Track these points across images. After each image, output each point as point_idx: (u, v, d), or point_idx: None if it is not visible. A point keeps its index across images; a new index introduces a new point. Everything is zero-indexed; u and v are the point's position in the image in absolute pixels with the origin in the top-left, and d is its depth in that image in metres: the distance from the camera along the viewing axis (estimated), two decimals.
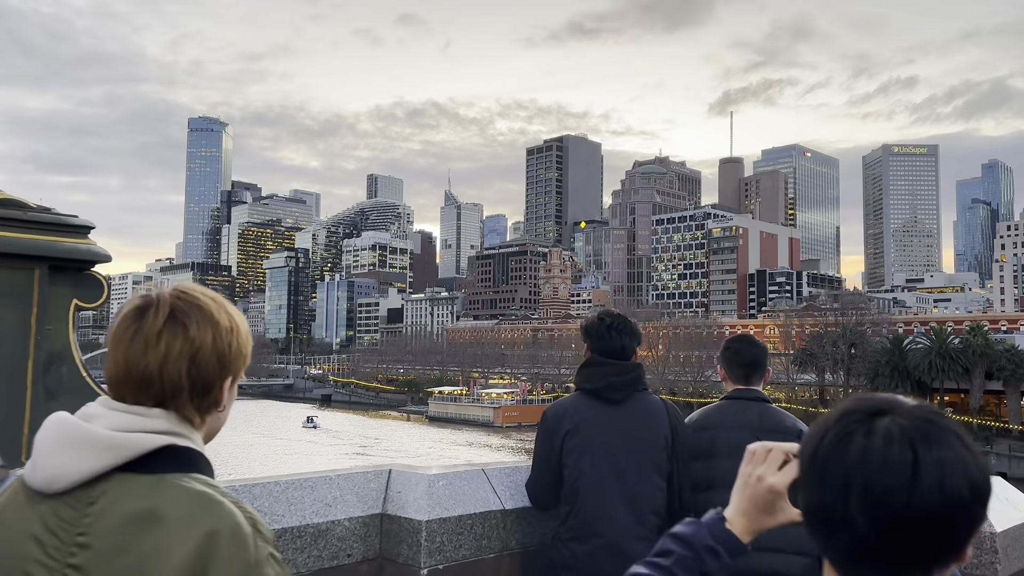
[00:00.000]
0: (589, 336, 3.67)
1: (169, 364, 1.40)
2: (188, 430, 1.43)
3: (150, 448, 1.35)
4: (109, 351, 1.45)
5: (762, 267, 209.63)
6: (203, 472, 1.41)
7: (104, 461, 1.32)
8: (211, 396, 1.47)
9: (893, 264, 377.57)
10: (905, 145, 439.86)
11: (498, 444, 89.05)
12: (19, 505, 1.36)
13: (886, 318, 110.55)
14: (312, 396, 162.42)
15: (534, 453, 3.70)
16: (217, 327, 1.46)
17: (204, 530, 1.30)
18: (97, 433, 1.34)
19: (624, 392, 3.56)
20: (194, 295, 1.49)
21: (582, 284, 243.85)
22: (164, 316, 1.42)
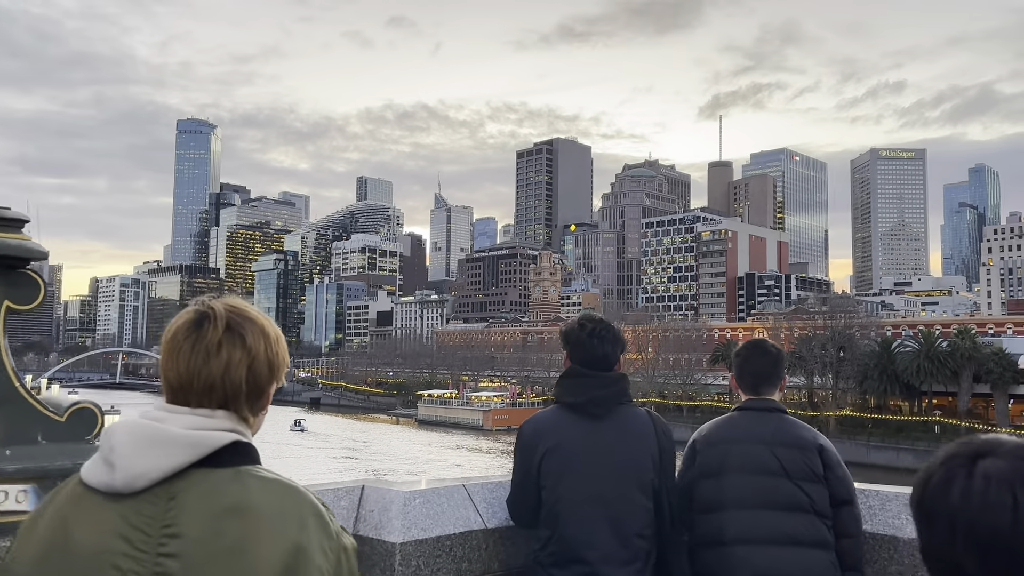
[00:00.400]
0: (569, 344, 3.40)
1: (231, 371, 1.55)
2: (245, 428, 1.60)
3: (224, 444, 1.50)
4: (167, 360, 1.57)
5: (751, 270, 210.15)
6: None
7: (183, 458, 1.45)
8: (263, 399, 1.64)
9: (881, 267, 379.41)
10: (893, 149, 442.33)
11: (487, 447, 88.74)
12: (94, 506, 1.44)
13: (874, 321, 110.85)
14: (301, 399, 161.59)
15: (513, 469, 3.43)
16: (268, 338, 1.63)
17: (294, 513, 1.46)
18: (176, 432, 1.47)
19: (608, 406, 3.28)
20: (244, 309, 1.64)
21: (572, 287, 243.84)
22: (223, 328, 1.56)
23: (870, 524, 3.60)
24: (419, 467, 71.48)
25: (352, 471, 68.55)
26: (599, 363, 3.31)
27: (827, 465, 3.35)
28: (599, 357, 3.31)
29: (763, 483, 3.29)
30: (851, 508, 3.40)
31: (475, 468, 72.42)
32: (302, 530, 1.45)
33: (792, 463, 3.29)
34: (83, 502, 1.45)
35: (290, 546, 1.42)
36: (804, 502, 3.25)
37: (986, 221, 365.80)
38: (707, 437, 3.52)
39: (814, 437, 3.43)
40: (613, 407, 3.28)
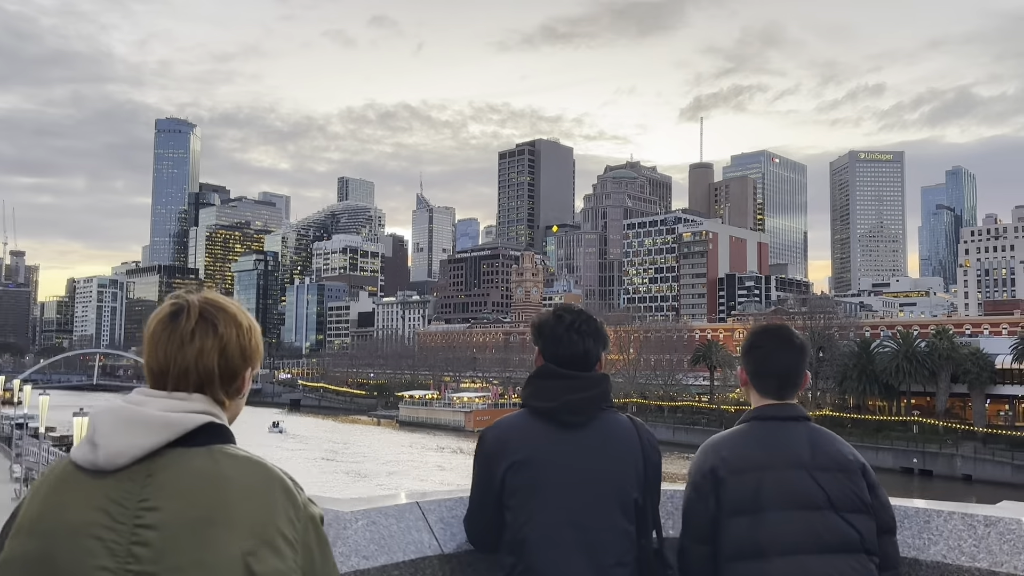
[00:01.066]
0: (542, 338, 2.86)
1: (203, 357, 1.70)
2: (219, 411, 1.73)
3: (198, 424, 1.64)
4: (148, 348, 1.73)
5: (731, 271, 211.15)
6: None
7: (160, 437, 1.59)
8: (236, 383, 1.78)
9: (860, 269, 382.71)
10: (871, 152, 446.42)
11: (469, 449, 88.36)
12: (78, 481, 1.59)
13: (853, 322, 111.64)
14: (281, 401, 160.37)
15: (472, 484, 2.87)
16: (240, 326, 1.76)
17: (261, 486, 1.61)
18: (153, 414, 1.62)
19: (586, 413, 2.74)
20: (218, 300, 1.79)
21: (554, 288, 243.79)
22: (195, 317, 1.72)
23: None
24: (399, 468, 71.00)
25: (330, 474, 67.93)
26: (578, 361, 2.80)
27: (871, 487, 2.74)
28: (578, 354, 2.80)
29: (808, 520, 2.63)
30: (894, 538, 2.80)
31: (456, 469, 72.05)
32: (270, 501, 1.59)
33: (838, 491, 2.66)
34: (71, 479, 1.60)
35: (258, 516, 1.56)
36: (854, 540, 2.63)
37: (963, 223, 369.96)
38: (731, 462, 2.74)
39: (855, 456, 2.79)
40: (592, 414, 2.75)
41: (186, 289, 1.80)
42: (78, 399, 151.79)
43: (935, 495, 59.94)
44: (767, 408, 2.84)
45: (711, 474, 2.74)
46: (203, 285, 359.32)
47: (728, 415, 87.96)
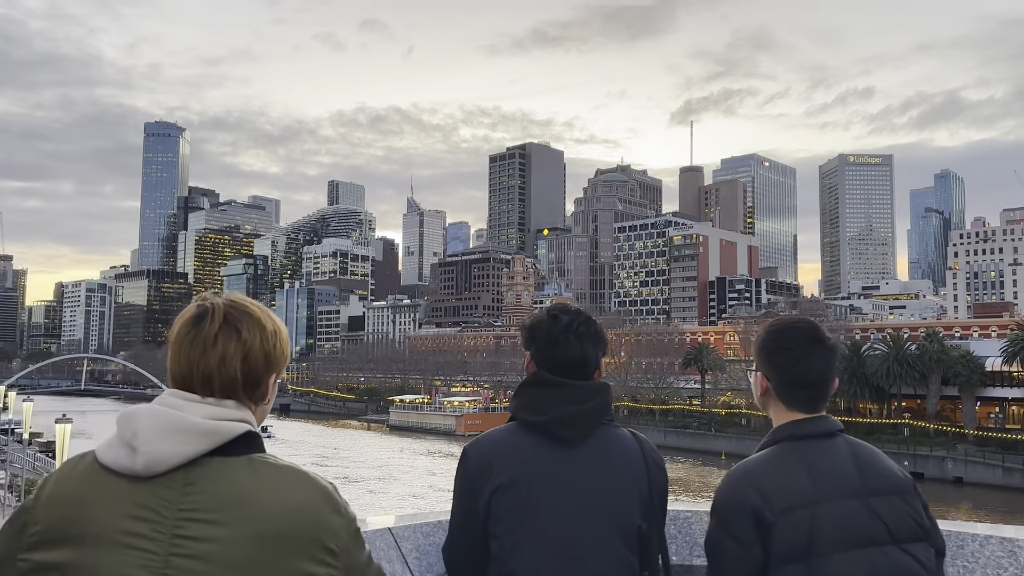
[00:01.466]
0: (535, 341, 2.54)
1: (227, 363, 1.64)
2: (250, 417, 1.67)
3: (239, 433, 1.59)
4: (173, 352, 1.69)
5: (722, 274, 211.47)
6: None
7: (202, 445, 1.54)
8: (260, 389, 1.72)
9: (849, 272, 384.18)
10: (860, 155, 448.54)
11: (459, 454, 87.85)
12: (109, 486, 1.52)
13: (844, 325, 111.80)
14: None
15: (452, 508, 2.56)
16: (264, 331, 1.71)
17: (307, 497, 1.56)
18: (197, 421, 1.56)
19: (584, 427, 2.40)
20: (244, 304, 1.74)
21: (545, 291, 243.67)
22: (219, 322, 1.67)
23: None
24: (389, 474, 70.57)
25: None
26: (575, 368, 2.48)
27: (924, 507, 2.35)
28: (575, 360, 2.48)
29: (870, 561, 2.16)
30: (943, 560, 2.37)
31: (447, 474, 71.66)
32: (316, 513, 1.55)
33: (897, 519, 2.23)
34: (100, 483, 1.52)
35: (305, 529, 1.52)
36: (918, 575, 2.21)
37: (951, 226, 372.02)
38: (776, 499, 2.19)
39: (905, 475, 2.36)
40: (591, 428, 2.42)
41: (212, 291, 1.77)
42: (65, 404, 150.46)
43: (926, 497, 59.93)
44: (802, 424, 2.34)
45: (753, 517, 2.19)
46: (192, 289, 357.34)
47: (719, 418, 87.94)
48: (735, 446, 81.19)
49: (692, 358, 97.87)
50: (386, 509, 55.10)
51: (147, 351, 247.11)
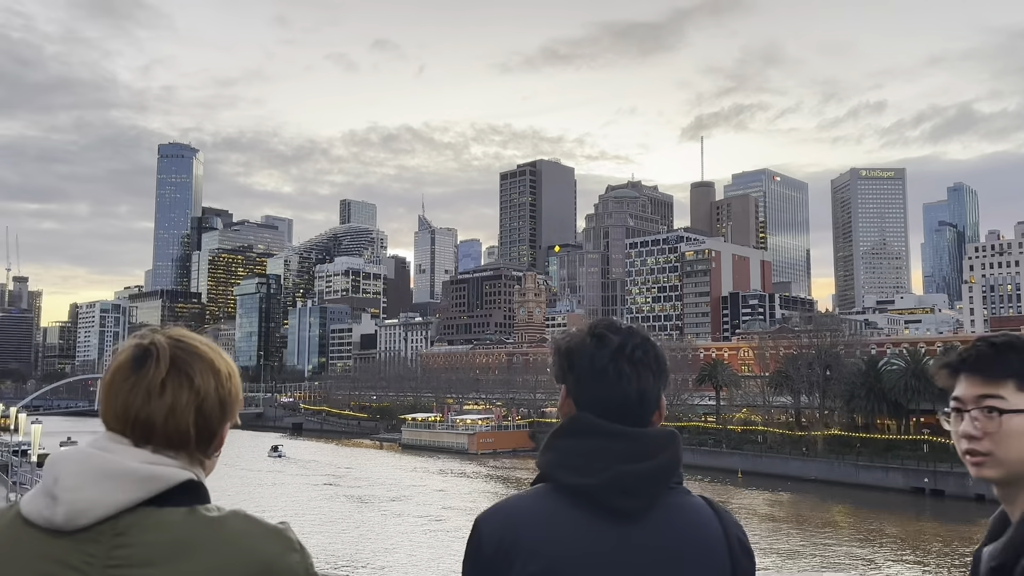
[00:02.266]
0: (574, 370, 1.91)
1: (176, 415, 1.41)
2: (198, 468, 1.47)
3: (179, 481, 1.37)
4: (104, 399, 1.44)
5: (735, 290, 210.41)
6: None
7: (136, 494, 1.33)
8: (215, 441, 1.51)
9: (863, 286, 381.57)
10: (873, 169, 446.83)
11: (472, 472, 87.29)
12: (31, 542, 1.32)
13: (859, 339, 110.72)
14: (283, 425, 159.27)
15: None
16: (218, 374, 1.48)
17: (256, 543, 1.36)
18: (131, 466, 1.34)
19: (647, 495, 1.77)
20: (192, 343, 1.49)
21: (557, 308, 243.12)
22: (167, 365, 1.42)
23: None
24: (402, 493, 69.96)
25: (332, 500, 66.94)
26: (630, 409, 1.86)
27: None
28: (630, 398, 1.86)
29: None
30: None
31: (460, 494, 71.00)
32: (266, 556, 1.36)
33: None
34: (20, 537, 1.33)
35: (255, 573, 1.33)
36: None
37: (966, 239, 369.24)
38: None
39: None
40: (655, 497, 1.78)
41: (151, 328, 1.50)
42: (77, 425, 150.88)
43: (948, 516, 58.84)
44: None
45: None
46: (205, 309, 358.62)
47: (735, 435, 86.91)
48: (752, 464, 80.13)
49: (706, 374, 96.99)
50: (404, 534, 54.52)
51: None
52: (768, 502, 67.13)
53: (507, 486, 75.94)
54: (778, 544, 49.32)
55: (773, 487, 72.26)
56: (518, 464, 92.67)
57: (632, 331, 1.93)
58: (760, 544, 48.63)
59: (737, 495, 69.05)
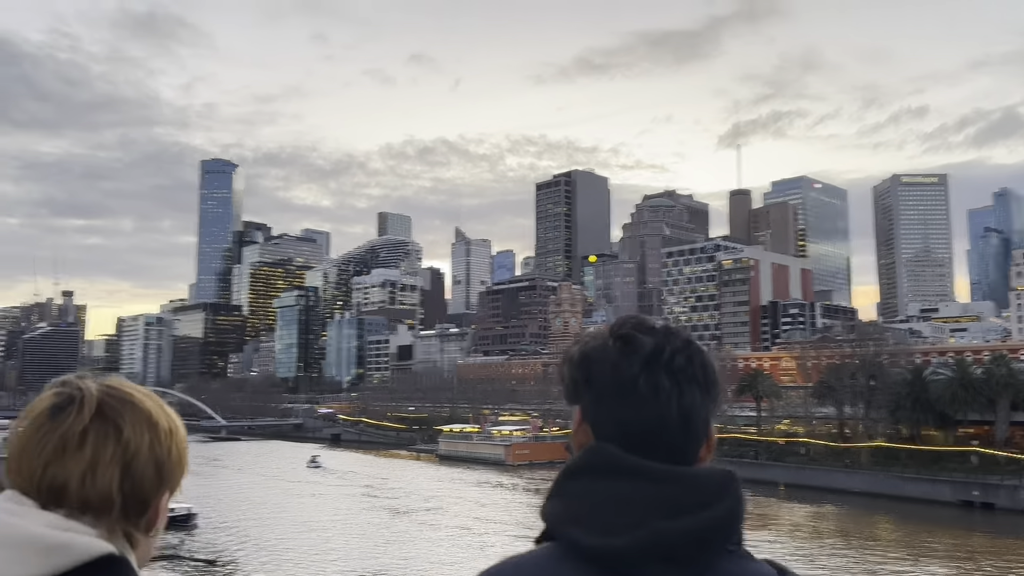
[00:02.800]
0: (590, 382, 1.45)
1: (97, 473, 1.11)
2: (122, 543, 1.13)
3: (96, 555, 1.06)
4: (12, 452, 1.14)
5: (774, 299, 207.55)
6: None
7: (37, 568, 1.03)
8: (149, 513, 1.17)
9: (906, 294, 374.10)
10: (914, 175, 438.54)
11: (510, 483, 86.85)
12: None
13: (904, 349, 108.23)
14: (322, 435, 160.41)
15: None
16: (155, 429, 1.19)
17: None
18: (34, 532, 1.05)
19: (695, 562, 1.28)
20: (127, 390, 1.23)
21: (592, 318, 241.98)
22: (90, 413, 1.15)
23: None
24: (439, 505, 69.80)
25: (370, 511, 67.01)
26: (669, 438, 1.38)
27: None
28: (671, 422, 1.39)
29: None
30: None
31: (496, 505, 70.64)
32: None
33: None
34: None
35: None
36: None
37: (1012, 245, 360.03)
38: None
39: None
40: (708, 563, 1.28)
41: (79, 373, 1.21)
42: None
43: (1000, 530, 56.95)
44: None
45: None
46: (246, 321, 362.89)
47: (776, 447, 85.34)
48: (794, 476, 78.58)
49: (746, 384, 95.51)
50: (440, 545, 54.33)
51: (203, 383, 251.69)
52: (812, 516, 65.75)
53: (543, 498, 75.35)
54: (823, 560, 48.14)
55: (817, 500, 70.75)
56: (555, 476, 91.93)
57: (670, 331, 1.47)
58: (804, 560, 47.50)
59: (779, 509, 67.74)
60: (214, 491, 78.25)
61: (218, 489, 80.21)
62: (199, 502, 64.81)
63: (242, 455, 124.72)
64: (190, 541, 52.11)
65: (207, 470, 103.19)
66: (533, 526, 15.29)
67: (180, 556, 44.71)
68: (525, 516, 64.69)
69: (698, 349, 1.45)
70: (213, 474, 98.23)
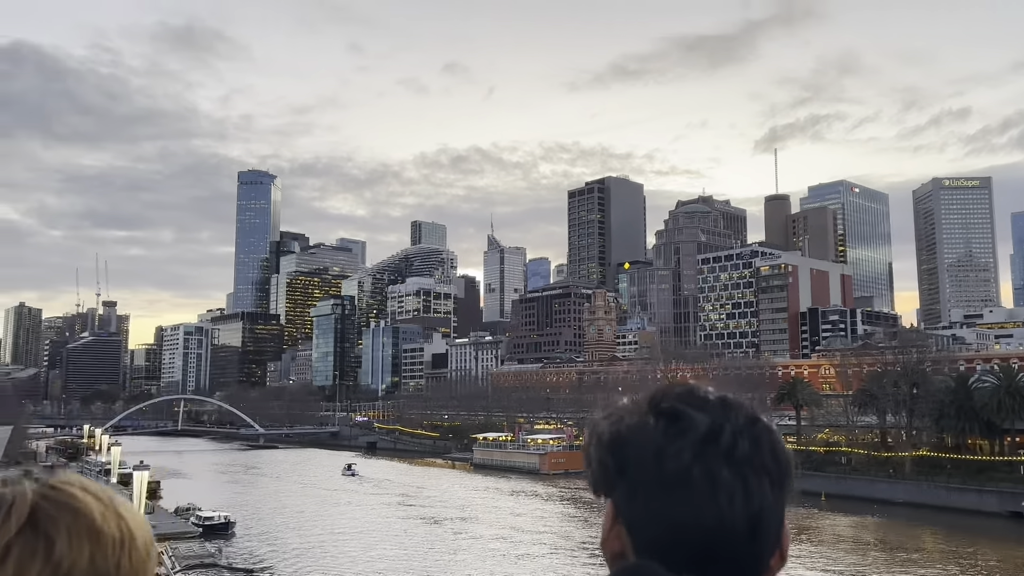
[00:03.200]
0: (625, 472, 1.15)
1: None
2: None
3: None
4: None
5: (814, 305, 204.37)
6: None
7: None
8: None
9: (949, 300, 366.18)
10: (956, 178, 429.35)
11: (545, 493, 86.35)
12: None
13: (947, 356, 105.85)
14: (358, 444, 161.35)
15: None
16: (99, 539, 0.96)
17: None
18: None
19: None
20: (69, 491, 0.98)
21: (627, 326, 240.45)
22: (18, 523, 0.94)
23: None
24: (473, 514, 69.59)
25: (405, 519, 67.02)
26: (732, 547, 1.11)
27: None
28: (735, 526, 1.11)
29: None
30: None
31: (531, 515, 70.23)
32: None
33: None
34: None
35: None
36: None
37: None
38: None
39: None
40: None
41: (23, 469, 1.00)
42: (160, 444, 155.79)
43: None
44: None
45: None
46: (284, 331, 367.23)
47: (817, 457, 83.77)
48: (835, 486, 77.09)
49: (786, 393, 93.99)
50: (475, 555, 54.14)
51: (241, 391, 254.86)
52: (854, 526, 64.38)
53: (579, 508, 74.84)
54: (866, 571, 47.02)
55: (859, 511, 69.26)
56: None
57: (728, 405, 1.16)
58: (849, 574, 46.45)
59: (821, 520, 66.43)
60: (252, 499, 78.97)
61: (256, 497, 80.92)
62: (237, 510, 65.45)
63: (279, 463, 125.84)
64: (228, 549, 52.56)
65: (245, 478, 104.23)
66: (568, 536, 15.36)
67: (218, 565, 45.05)
68: (560, 526, 64.21)
69: (766, 428, 1.17)
70: (251, 482, 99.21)
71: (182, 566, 42.34)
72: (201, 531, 56.09)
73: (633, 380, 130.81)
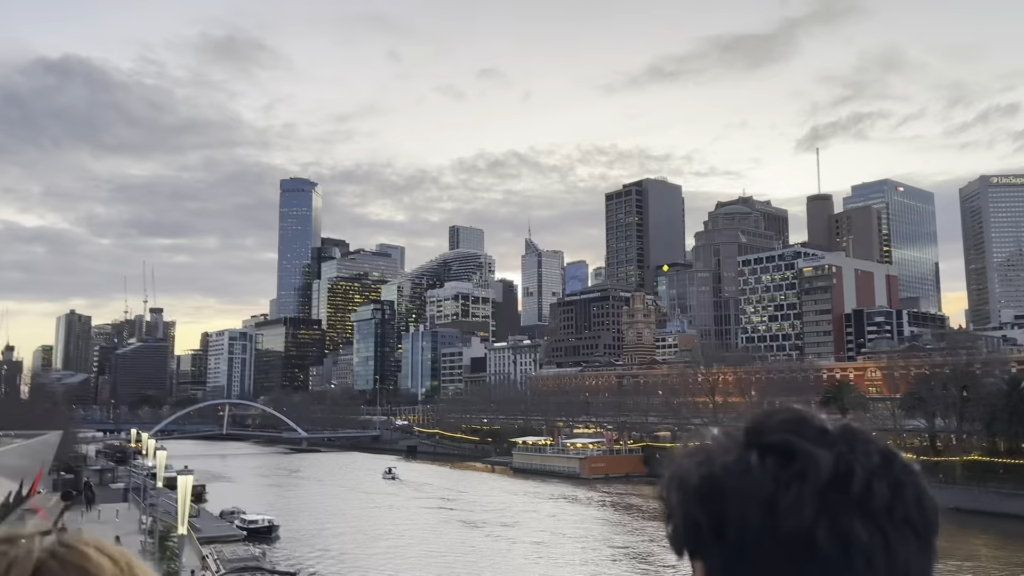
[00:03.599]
0: (723, 530, 0.86)
1: None
2: None
3: None
4: None
5: (859, 307, 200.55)
6: None
7: None
8: None
9: (999, 300, 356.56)
10: (1005, 175, 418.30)
11: (585, 498, 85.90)
12: None
13: (998, 357, 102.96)
14: (398, 447, 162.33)
15: None
16: None
17: None
18: None
19: None
20: (82, 550, 0.90)
21: (667, 328, 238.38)
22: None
23: None
24: (513, 519, 69.46)
25: (444, 523, 67.15)
26: None
27: None
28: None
29: None
30: None
31: (572, 519, 69.88)
32: None
33: None
34: None
35: None
36: None
37: None
38: None
39: None
40: None
41: (35, 525, 0.96)
42: (208, 448, 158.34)
43: None
44: None
45: None
46: (325, 335, 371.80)
47: None
48: None
49: (831, 396, 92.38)
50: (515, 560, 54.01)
51: (284, 396, 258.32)
52: None
53: (619, 513, 74.26)
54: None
55: None
56: (631, 490, 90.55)
57: (853, 436, 0.91)
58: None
59: None
60: (295, 503, 79.86)
61: (299, 500, 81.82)
62: (280, 513, 66.22)
63: (321, 466, 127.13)
64: (271, 553, 53.15)
65: (288, 482, 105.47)
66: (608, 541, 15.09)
67: (262, 568, 45.56)
68: (600, 531, 63.78)
69: (905, 468, 0.92)
70: (295, 485, 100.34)
71: (227, 569, 42.97)
72: (245, 534, 56.86)
73: (674, 383, 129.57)
